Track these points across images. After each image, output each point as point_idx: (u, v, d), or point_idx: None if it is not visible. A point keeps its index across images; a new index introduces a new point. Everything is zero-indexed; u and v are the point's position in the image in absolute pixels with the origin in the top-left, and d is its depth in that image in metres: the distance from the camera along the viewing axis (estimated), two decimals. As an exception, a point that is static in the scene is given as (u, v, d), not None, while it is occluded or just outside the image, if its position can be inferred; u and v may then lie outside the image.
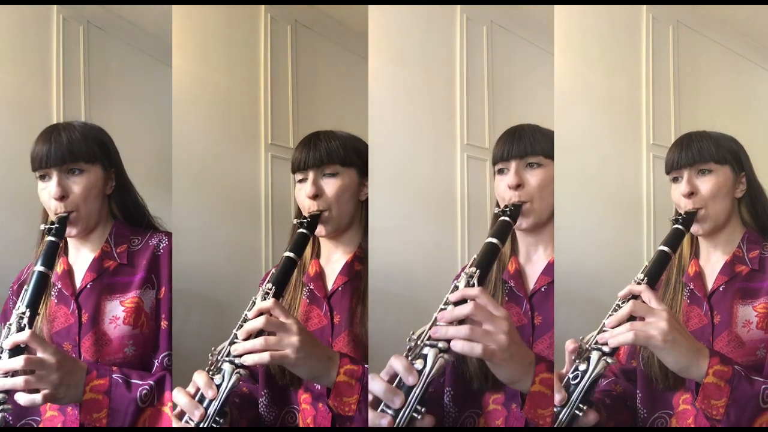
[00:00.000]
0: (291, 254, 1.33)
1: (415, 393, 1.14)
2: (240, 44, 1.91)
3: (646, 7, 1.98)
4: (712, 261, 1.41)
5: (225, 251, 1.86)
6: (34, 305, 1.30)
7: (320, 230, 1.42)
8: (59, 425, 1.37)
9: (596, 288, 1.76)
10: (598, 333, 1.21)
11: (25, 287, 1.32)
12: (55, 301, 1.42)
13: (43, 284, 1.33)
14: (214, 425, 1.20)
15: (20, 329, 1.28)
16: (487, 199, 1.90)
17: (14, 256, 1.76)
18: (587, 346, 1.20)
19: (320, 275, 1.45)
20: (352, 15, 1.90)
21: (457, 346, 1.14)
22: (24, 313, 1.29)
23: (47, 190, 1.40)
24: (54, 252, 1.36)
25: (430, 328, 1.18)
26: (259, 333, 1.23)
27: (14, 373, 1.25)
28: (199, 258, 1.77)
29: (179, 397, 1.23)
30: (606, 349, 1.18)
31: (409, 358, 1.16)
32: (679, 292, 1.41)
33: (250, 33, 1.90)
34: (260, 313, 1.24)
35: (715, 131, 1.43)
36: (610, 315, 1.22)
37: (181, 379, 1.35)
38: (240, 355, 1.22)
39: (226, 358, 1.23)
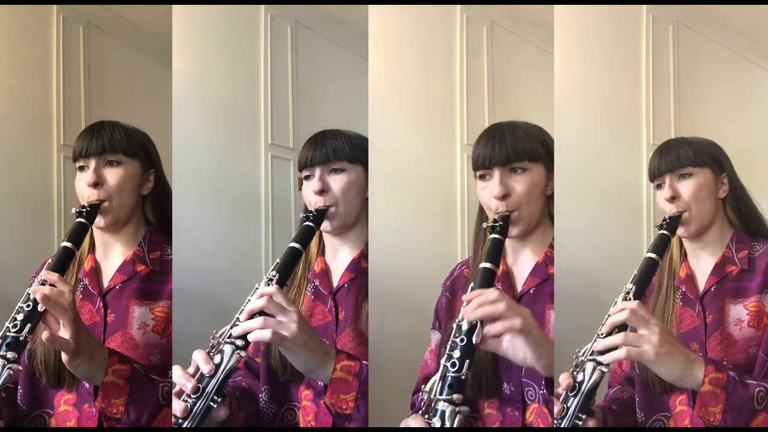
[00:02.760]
0: (296, 245, 1.32)
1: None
2: (240, 44, 1.91)
3: (646, 7, 1.98)
4: (702, 262, 1.43)
5: (225, 251, 1.86)
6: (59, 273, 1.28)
7: (326, 226, 1.41)
8: (73, 420, 1.36)
9: (595, 288, 1.76)
10: (593, 343, 1.23)
11: (49, 260, 1.30)
12: (80, 296, 1.41)
13: (67, 258, 1.31)
14: (212, 403, 1.19)
15: None
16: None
17: (15, 252, 1.76)
18: (583, 357, 1.22)
19: (326, 272, 1.44)
20: (352, 15, 1.90)
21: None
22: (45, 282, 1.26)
23: (83, 179, 1.40)
24: (82, 232, 1.35)
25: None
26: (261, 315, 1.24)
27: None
28: (199, 258, 1.77)
29: (176, 371, 1.22)
30: (601, 359, 1.20)
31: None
32: (671, 296, 1.43)
33: (250, 33, 1.91)
34: (262, 297, 1.24)
35: (695, 137, 1.45)
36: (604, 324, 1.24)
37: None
38: (240, 336, 1.22)
39: (227, 340, 1.23)
